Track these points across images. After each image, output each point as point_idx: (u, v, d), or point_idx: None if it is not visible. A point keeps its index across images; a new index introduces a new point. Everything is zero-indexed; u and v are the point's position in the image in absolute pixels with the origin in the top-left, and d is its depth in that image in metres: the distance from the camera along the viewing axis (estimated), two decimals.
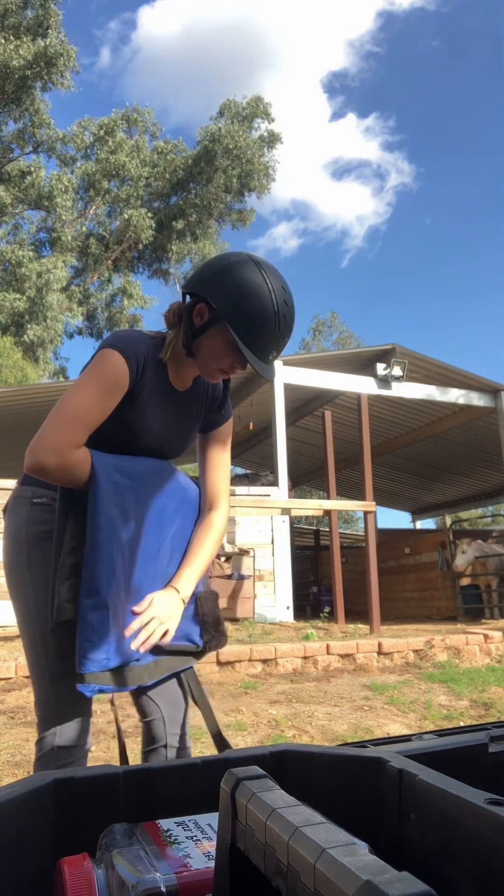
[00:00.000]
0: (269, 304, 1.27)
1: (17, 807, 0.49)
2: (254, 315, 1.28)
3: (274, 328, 1.28)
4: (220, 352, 1.34)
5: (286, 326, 1.31)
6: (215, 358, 1.35)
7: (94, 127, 20.53)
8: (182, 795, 0.56)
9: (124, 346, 1.32)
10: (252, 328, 1.28)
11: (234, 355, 1.33)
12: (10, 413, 7.56)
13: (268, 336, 1.29)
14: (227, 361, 1.35)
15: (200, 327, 1.33)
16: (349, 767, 0.55)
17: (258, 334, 1.28)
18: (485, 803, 0.41)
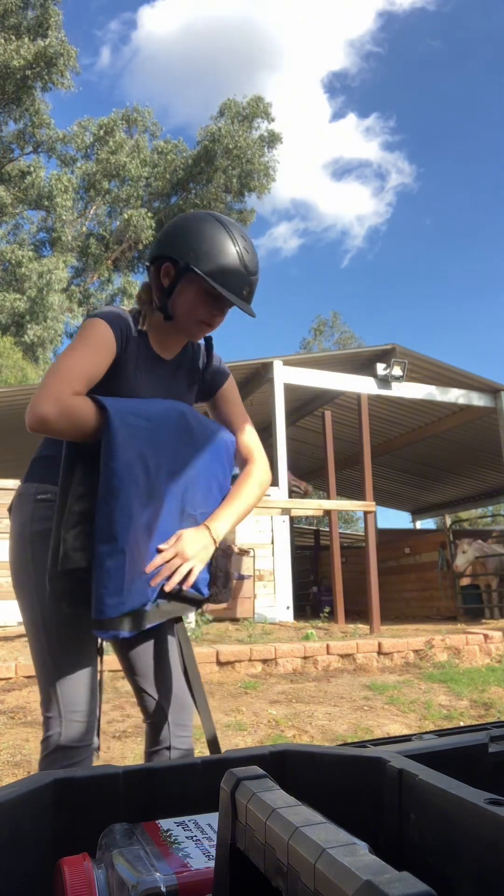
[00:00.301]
0: (230, 241, 1.30)
1: (17, 807, 0.49)
2: (217, 253, 1.29)
3: (240, 263, 1.29)
4: (194, 302, 1.34)
5: (252, 261, 1.32)
6: (192, 310, 1.35)
7: (94, 127, 20.53)
8: (182, 795, 0.56)
9: (108, 316, 1.33)
10: (218, 266, 1.29)
11: (209, 301, 1.34)
12: (10, 413, 7.56)
13: (235, 272, 1.29)
14: (203, 310, 1.35)
15: (171, 285, 1.33)
16: (349, 767, 0.55)
17: (225, 271, 1.29)
18: (485, 803, 0.41)
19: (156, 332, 1.40)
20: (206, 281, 1.28)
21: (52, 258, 18.64)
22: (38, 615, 1.31)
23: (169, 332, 1.40)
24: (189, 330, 1.39)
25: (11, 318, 17.67)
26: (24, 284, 17.58)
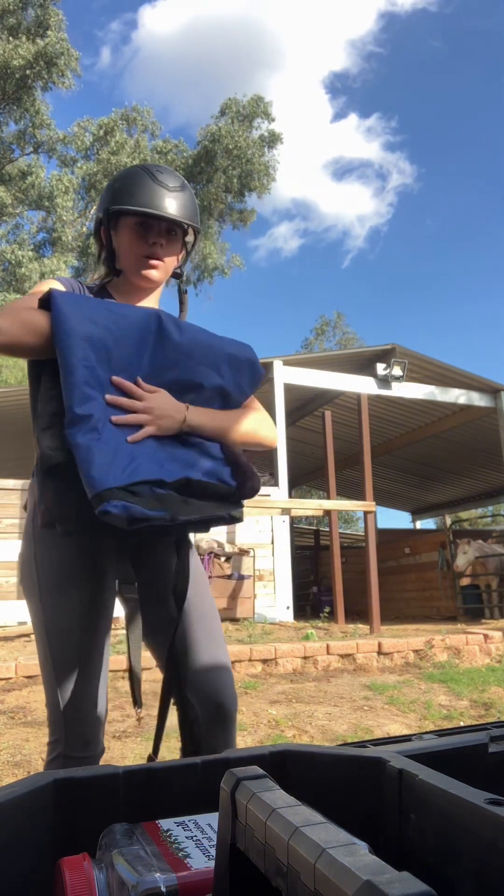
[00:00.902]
0: (139, 169, 1.34)
1: (17, 807, 0.49)
2: (128, 184, 1.32)
3: (152, 181, 1.31)
4: (127, 242, 1.35)
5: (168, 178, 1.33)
6: (129, 251, 1.35)
7: (94, 127, 20.53)
8: (182, 795, 0.56)
9: (59, 277, 1.36)
10: (129, 192, 1.31)
11: (140, 233, 1.34)
12: (10, 413, 7.56)
13: (148, 189, 1.31)
14: (137, 244, 1.34)
15: (107, 240, 1.37)
16: (349, 767, 0.55)
17: (138, 193, 1.30)
18: (485, 803, 0.41)
19: (120, 295, 1.40)
20: (123, 211, 1.31)
21: (54, 258, 18.64)
22: (41, 615, 1.27)
23: (132, 291, 1.40)
24: (137, 272, 1.37)
25: None
26: (25, 284, 17.58)
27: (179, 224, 1.36)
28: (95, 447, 1.08)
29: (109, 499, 1.05)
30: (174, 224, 1.35)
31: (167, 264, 1.39)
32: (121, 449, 1.11)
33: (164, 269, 1.39)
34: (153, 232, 1.34)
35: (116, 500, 1.05)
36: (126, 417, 1.15)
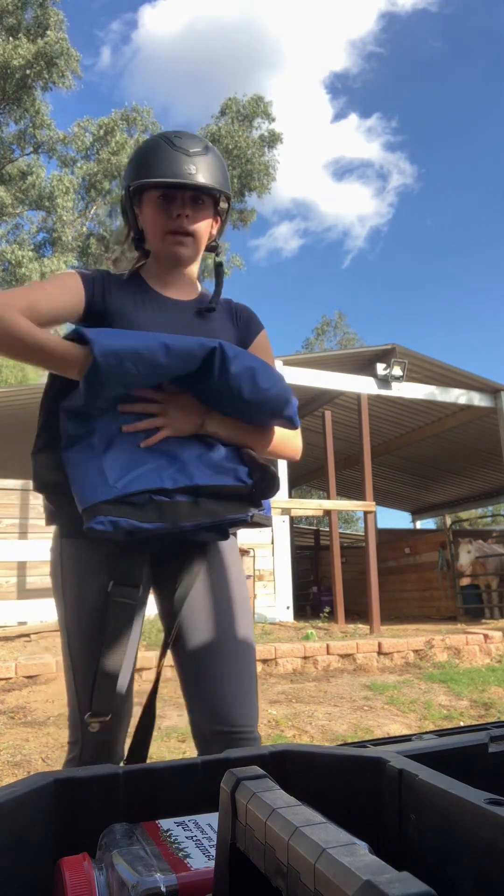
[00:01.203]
0: (157, 138, 1.24)
1: (17, 807, 0.49)
2: (145, 156, 1.23)
3: (170, 147, 1.20)
4: (152, 217, 1.24)
5: (187, 142, 1.22)
6: (153, 226, 1.25)
7: (94, 127, 20.53)
8: (182, 795, 0.56)
9: (80, 268, 1.27)
10: (148, 163, 1.21)
11: (164, 206, 1.23)
12: (11, 413, 7.56)
13: (167, 157, 1.20)
14: (162, 218, 1.23)
15: (133, 220, 1.29)
16: (349, 767, 0.55)
17: (156, 163, 1.20)
18: (485, 803, 0.41)
19: (154, 278, 1.30)
20: (142, 186, 1.21)
21: (53, 258, 18.64)
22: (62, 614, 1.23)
23: (165, 273, 1.29)
24: (165, 249, 1.25)
25: None
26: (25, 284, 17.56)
27: (205, 191, 1.23)
28: (87, 463, 1.05)
29: (96, 514, 1.01)
30: (199, 191, 1.23)
31: (197, 237, 1.26)
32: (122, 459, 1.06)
33: (193, 243, 1.26)
34: (177, 203, 1.22)
35: (103, 516, 1.01)
36: (138, 424, 1.10)
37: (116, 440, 1.08)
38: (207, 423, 1.15)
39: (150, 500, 1.05)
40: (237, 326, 1.33)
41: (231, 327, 1.32)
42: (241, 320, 1.34)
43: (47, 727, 3.38)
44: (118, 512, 1.02)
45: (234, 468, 1.14)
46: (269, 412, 1.17)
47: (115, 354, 1.01)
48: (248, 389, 1.10)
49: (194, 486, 1.08)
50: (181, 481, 1.08)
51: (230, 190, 1.29)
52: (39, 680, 4.05)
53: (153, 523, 1.04)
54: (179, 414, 1.13)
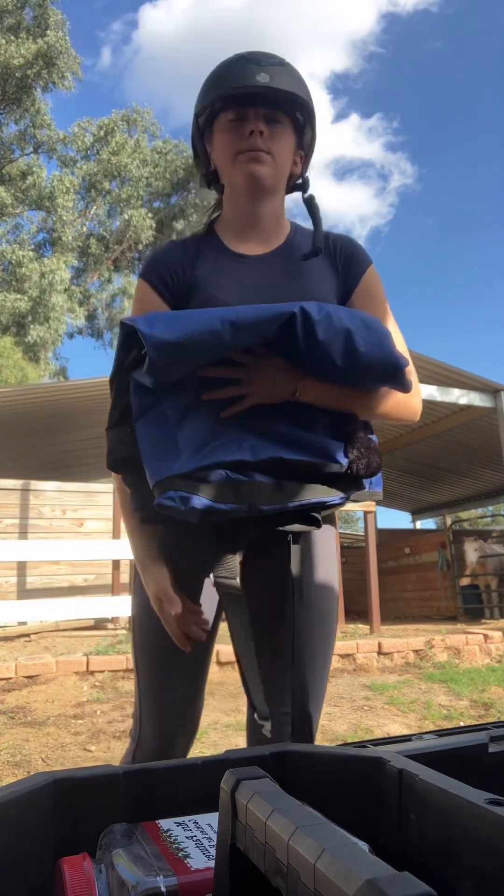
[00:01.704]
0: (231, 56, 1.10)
1: (17, 807, 0.49)
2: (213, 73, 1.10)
3: (240, 60, 1.07)
4: (222, 140, 1.10)
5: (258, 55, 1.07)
6: (224, 150, 1.10)
7: (94, 128, 20.54)
8: (182, 795, 0.56)
9: (144, 269, 1.14)
10: (218, 79, 1.08)
11: (234, 126, 1.08)
12: (11, 413, 7.56)
13: (237, 69, 1.06)
14: (233, 138, 1.08)
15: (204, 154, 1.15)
16: (349, 767, 0.55)
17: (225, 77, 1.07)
18: (485, 803, 0.41)
19: (230, 231, 1.15)
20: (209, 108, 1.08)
21: (53, 258, 18.64)
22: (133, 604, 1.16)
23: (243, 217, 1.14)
24: (238, 172, 1.09)
25: (12, 319, 17.67)
26: (25, 284, 17.58)
27: (282, 107, 1.08)
28: (159, 434, 0.95)
29: (167, 490, 0.91)
30: (276, 109, 1.07)
31: (277, 159, 1.10)
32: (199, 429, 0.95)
33: (272, 164, 1.09)
34: (249, 121, 1.07)
35: (173, 491, 0.90)
36: (218, 392, 0.97)
37: (193, 410, 0.96)
38: (301, 389, 0.98)
39: (227, 477, 0.92)
40: (336, 269, 1.14)
41: (330, 272, 1.13)
42: (342, 259, 1.15)
43: (47, 727, 3.38)
44: (190, 488, 0.90)
45: (326, 444, 0.97)
46: (374, 377, 1.00)
47: (170, 345, 0.90)
48: (341, 356, 0.93)
49: (277, 458, 0.94)
50: (263, 454, 0.94)
51: (313, 106, 1.11)
52: (39, 680, 4.05)
53: (228, 503, 0.92)
54: (267, 379, 0.97)
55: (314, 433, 0.98)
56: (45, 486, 6.69)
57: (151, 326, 0.91)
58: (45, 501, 6.63)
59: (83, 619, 6.11)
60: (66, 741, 3.19)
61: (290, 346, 0.94)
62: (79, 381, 7.30)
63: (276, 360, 0.98)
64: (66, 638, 5.54)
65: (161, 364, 0.92)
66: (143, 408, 0.97)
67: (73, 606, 5.92)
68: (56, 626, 6.00)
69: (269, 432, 0.96)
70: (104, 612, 6.15)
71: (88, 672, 4.17)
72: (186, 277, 1.09)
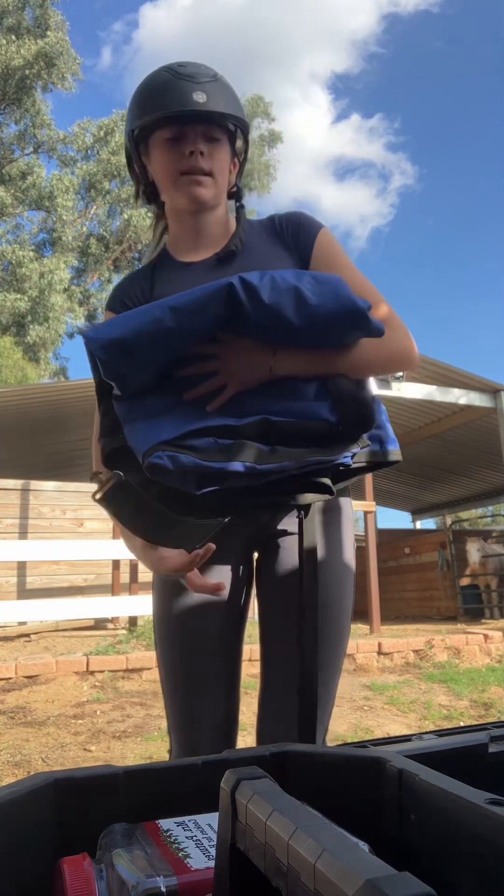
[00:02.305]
0: (156, 71, 1.07)
1: (17, 807, 0.49)
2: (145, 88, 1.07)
3: (172, 76, 1.04)
4: (160, 161, 1.08)
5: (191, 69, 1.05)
6: (165, 172, 1.08)
7: (94, 128, 20.55)
8: (182, 795, 0.56)
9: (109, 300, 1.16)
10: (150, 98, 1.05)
11: (172, 145, 1.06)
12: (11, 413, 7.56)
13: (170, 87, 1.03)
14: (172, 157, 1.07)
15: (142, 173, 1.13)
16: (349, 767, 0.55)
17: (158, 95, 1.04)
18: (485, 803, 0.41)
19: (177, 241, 1.16)
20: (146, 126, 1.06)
21: (53, 258, 18.65)
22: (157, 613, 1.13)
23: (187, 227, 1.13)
24: (180, 193, 1.08)
25: (12, 318, 17.67)
26: (25, 284, 17.59)
27: (218, 122, 1.07)
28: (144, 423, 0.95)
29: (154, 452, 0.90)
30: (213, 125, 1.07)
31: (218, 177, 1.09)
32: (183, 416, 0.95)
33: (213, 183, 1.08)
34: (188, 140, 1.05)
35: (161, 451, 0.89)
36: (197, 389, 0.97)
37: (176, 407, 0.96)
38: (276, 364, 0.97)
39: (216, 443, 0.91)
40: (287, 244, 1.13)
41: (283, 252, 1.12)
42: (290, 233, 1.13)
43: (47, 727, 3.38)
44: (178, 451, 0.90)
45: (312, 405, 0.96)
46: (338, 328, 0.97)
47: (116, 342, 0.91)
48: (294, 313, 0.92)
49: (264, 420, 0.94)
50: (249, 417, 0.94)
51: (245, 117, 1.11)
52: (39, 680, 4.05)
53: (219, 462, 0.89)
54: (242, 364, 0.97)
55: (302, 396, 0.97)
56: (45, 486, 6.69)
57: (97, 331, 0.93)
58: (45, 501, 6.63)
59: (83, 619, 6.11)
60: (66, 741, 3.19)
61: (244, 319, 0.93)
62: (79, 381, 7.30)
63: (244, 342, 0.97)
64: (66, 638, 5.54)
65: (114, 364, 0.93)
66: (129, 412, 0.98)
67: (73, 606, 5.92)
68: (56, 626, 6.00)
69: (251, 400, 0.96)
70: (104, 612, 6.15)
71: (88, 672, 4.17)
72: (147, 300, 1.10)
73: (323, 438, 0.96)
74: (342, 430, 0.97)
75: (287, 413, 0.95)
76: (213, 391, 0.97)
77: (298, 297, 0.92)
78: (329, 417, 0.96)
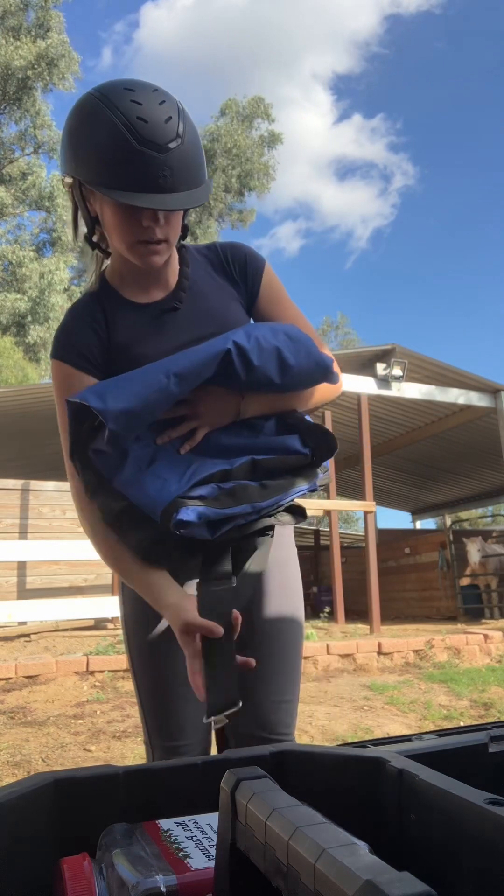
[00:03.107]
0: (108, 116, 0.92)
1: (17, 807, 0.49)
2: (99, 147, 0.93)
3: (133, 138, 0.91)
4: (112, 218, 1.00)
5: (156, 130, 0.92)
6: (116, 232, 1.01)
7: None
8: (182, 795, 0.56)
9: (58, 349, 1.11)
10: (105, 163, 0.93)
11: (128, 213, 0.98)
12: (11, 413, 7.56)
13: (128, 157, 0.92)
14: (126, 225, 0.99)
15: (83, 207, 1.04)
16: (349, 767, 0.55)
17: (114, 163, 0.93)
18: (485, 803, 0.41)
19: (121, 278, 1.12)
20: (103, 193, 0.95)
21: (53, 258, 18.66)
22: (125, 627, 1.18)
23: (139, 275, 1.11)
24: (135, 259, 1.04)
25: (12, 319, 17.68)
26: (25, 285, 17.60)
27: None
28: (140, 477, 1.00)
29: (179, 507, 0.95)
30: None
31: (171, 240, 1.05)
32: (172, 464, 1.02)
33: (167, 247, 1.05)
34: (145, 213, 0.98)
35: (186, 508, 0.95)
36: (171, 433, 1.04)
37: (158, 453, 1.03)
38: (244, 407, 1.06)
39: (220, 489, 0.99)
40: (234, 278, 1.16)
41: (229, 286, 1.15)
42: (237, 268, 1.16)
43: (47, 727, 3.38)
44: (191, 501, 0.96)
45: (284, 440, 1.08)
46: (307, 382, 1.10)
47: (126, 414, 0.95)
48: (277, 374, 1.02)
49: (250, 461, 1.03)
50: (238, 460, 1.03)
51: (206, 175, 1.04)
52: (39, 680, 4.05)
53: (233, 507, 0.98)
54: (212, 408, 1.05)
55: (272, 433, 1.08)
56: (45, 486, 6.69)
57: (104, 401, 0.96)
58: (45, 501, 6.63)
59: (83, 619, 6.12)
60: (66, 741, 3.19)
61: (231, 376, 1.01)
62: None
63: (215, 389, 1.05)
64: (66, 638, 5.54)
65: (121, 432, 0.97)
66: (114, 466, 1.02)
67: (73, 606, 5.92)
68: (56, 626, 6.01)
69: (232, 446, 1.06)
70: (104, 612, 6.15)
71: (88, 672, 4.17)
72: (105, 347, 1.10)
73: (300, 469, 1.08)
74: (313, 459, 1.09)
75: (268, 450, 1.06)
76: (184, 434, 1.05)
77: (280, 359, 1.02)
78: (301, 449, 1.08)
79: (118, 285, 1.13)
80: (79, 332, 1.10)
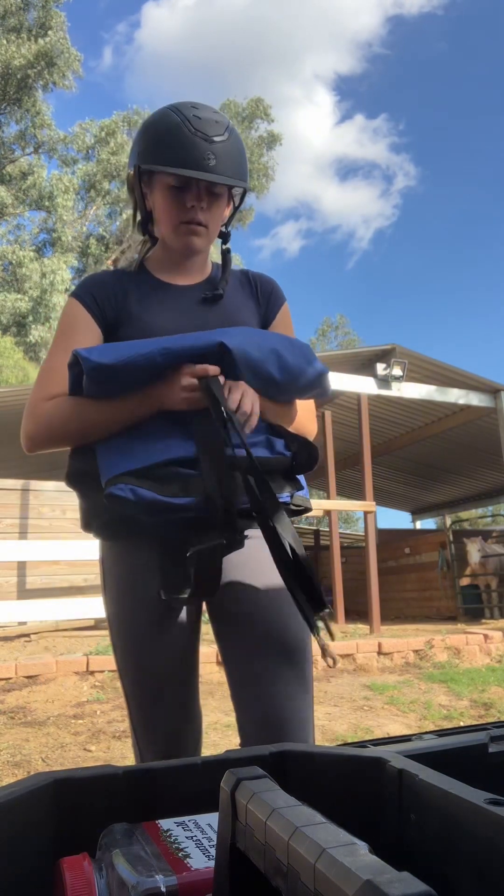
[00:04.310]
0: (173, 114, 1.11)
1: (17, 807, 0.49)
2: (160, 133, 1.11)
3: (186, 129, 1.09)
4: (163, 205, 1.16)
5: (207, 124, 1.10)
6: (165, 215, 1.16)
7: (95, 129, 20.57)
8: (182, 795, 0.56)
9: (78, 289, 1.20)
10: (163, 145, 1.10)
11: (176, 195, 1.14)
12: (11, 413, 7.55)
13: (183, 141, 1.08)
14: (175, 208, 1.14)
15: (140, 199, 1.19)
16: (349, 767, 0.55)
17: (171, 146, 1.09)
18: (485, 803, 0.41)
19: (161, 266, 1.23)
20: (157, 171, 1.12)
21: (53, 258, 18.67)
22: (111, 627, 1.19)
23: (174, 263, 1.22)
24: (177, 240, 1.18)
25: (13, 319, 17.69)
26: (25, 285, 17.60)
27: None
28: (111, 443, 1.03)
29: (117, 483, 0.97)
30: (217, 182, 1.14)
31: (211, 228, 1.19)
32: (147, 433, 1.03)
33: (207, 234, 1.18)
34: (191, 193, 1.13)
35: (123, 484, 0.96)
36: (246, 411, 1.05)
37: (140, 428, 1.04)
38: None
39: (176, 473, 0.99)
40: (258, 301, 1.26)
41: (251, 303, 1.25)
42: (262, 294, 1.27)
43: (47, 727, 3.38)
44: (139, 483, 0.97)
45: (267, 438, 1.08)
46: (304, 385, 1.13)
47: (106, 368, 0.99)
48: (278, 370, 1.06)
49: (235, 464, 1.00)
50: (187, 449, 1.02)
51: (248, 178, 1.19)
52: (39, 680, 4.05)
53: (179, 497, 0.97)
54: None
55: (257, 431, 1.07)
56: (45, 486, 6.68)
57: (91, 353, 1.01)
58: (45, 501, 6.63)
59: (83, 619, 6.11)
60: (66, 741, 3.19)
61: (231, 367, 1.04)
62: None
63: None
64: (66, 638, 5.54)
65: (97, 383, 1.01)
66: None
67: (73, 606, 5.91)
68: (56, 626, 6.00)
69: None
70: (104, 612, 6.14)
71: (88, 672, 4.17)
72: (118, 306, 1.17)
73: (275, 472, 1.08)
74: (293, 465, 1.11)
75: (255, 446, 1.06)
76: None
77: (279, 357, 1.07)
78: (284, 452, 1.10)
79: (152, 267, 1.23)
80: (103, 281, 1.20)
